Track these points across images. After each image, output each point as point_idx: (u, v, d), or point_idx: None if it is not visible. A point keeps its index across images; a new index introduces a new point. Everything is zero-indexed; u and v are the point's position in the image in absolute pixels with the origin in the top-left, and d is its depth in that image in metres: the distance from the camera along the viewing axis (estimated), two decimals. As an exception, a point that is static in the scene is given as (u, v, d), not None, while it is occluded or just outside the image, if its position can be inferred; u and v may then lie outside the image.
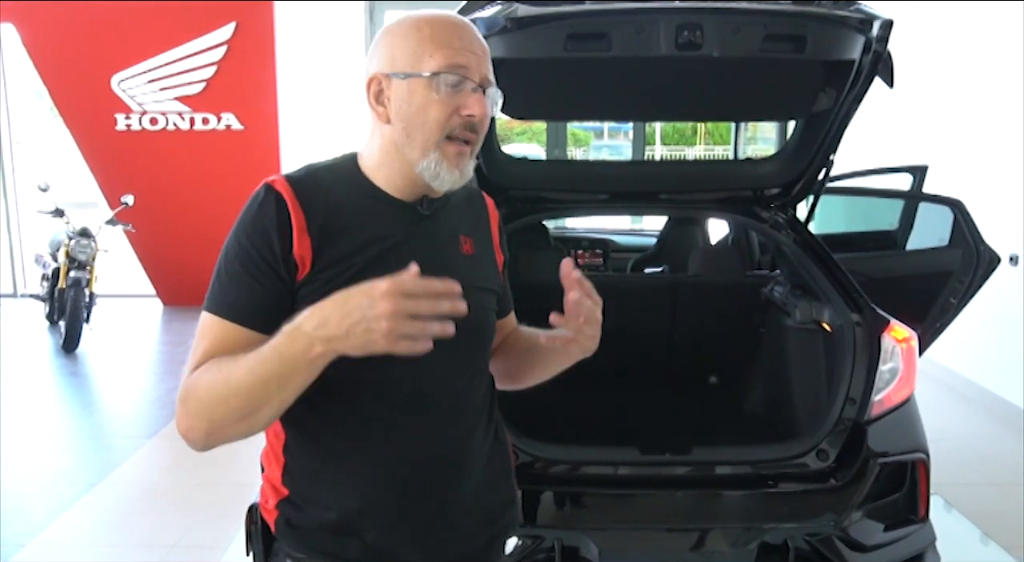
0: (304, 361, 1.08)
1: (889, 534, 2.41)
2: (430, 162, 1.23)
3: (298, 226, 1.20)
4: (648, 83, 2.62)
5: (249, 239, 1.20)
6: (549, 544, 2.29)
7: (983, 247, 3.24)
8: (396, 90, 1.23)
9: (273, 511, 1.32)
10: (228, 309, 1.19)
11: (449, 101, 1.21)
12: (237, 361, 1.13)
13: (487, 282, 1.40)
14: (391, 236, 1.25)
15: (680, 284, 3.30)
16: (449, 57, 1.20)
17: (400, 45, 1.23)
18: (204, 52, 6.86)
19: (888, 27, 2.25)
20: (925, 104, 5.64)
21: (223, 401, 1.12)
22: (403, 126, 1.23)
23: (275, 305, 1.19)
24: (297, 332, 1.07)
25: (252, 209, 1.22)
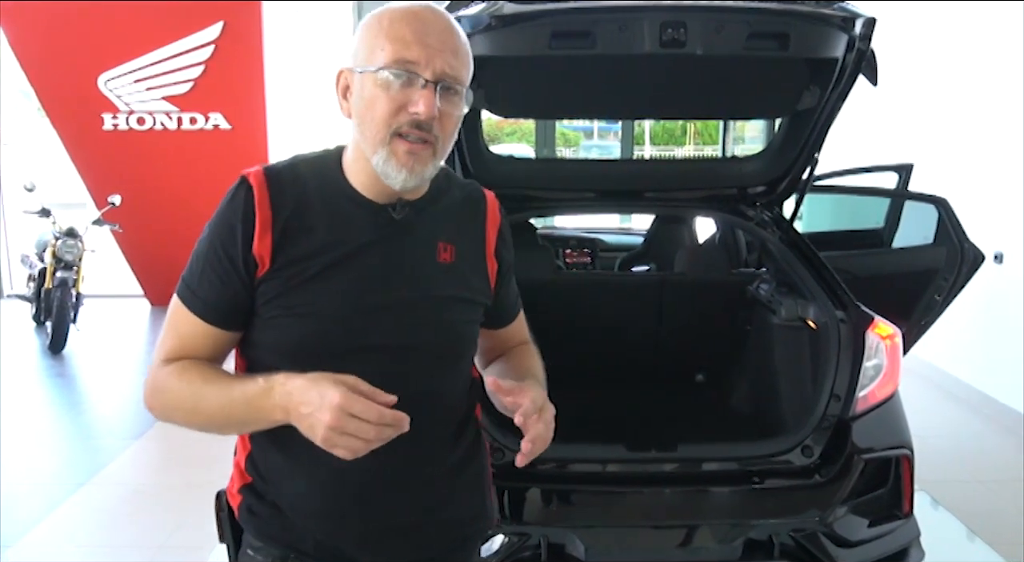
0: (265, 419, 1.14)
1: (874, 530, 2.42)
2: (379, 159, 1.19)
3: (261, 223, 1.19)
4: (633, 81, 2.62)
5: (217, 235, 1.21)
6: (535, 541, 2.30)
7: (967, 245, 3.26)
8: (355, 85, 1.21)
9: (237, 496, 1.33)
10: (195, 302, 1.22)
11: (396, 97, 1.16)
12: (208, 385, 1.19)
13: (467, 292, 1.33)
14: (357, 240, 1.22)
15: (666, 282, 3.31)
16: (398, 51, 1.16)
17: (362, 39, 1.21)
18: (191, 51, 6.84)
19: (871, 25, 2.27)
20: (911, 103, 5.68)
21: (188, 416, 1.22)
22: (358, 121, 1.21)
23: (236, 304, 1.22)
24: (268, 395, 1.12)
25: (224, 202, 1.23)
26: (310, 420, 1.07)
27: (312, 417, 1.06)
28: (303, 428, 1.09)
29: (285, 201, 1.21)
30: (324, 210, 1.23)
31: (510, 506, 2.33)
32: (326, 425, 1.04)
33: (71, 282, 5.99)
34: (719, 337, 3.29)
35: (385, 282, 1.24)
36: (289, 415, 1.10)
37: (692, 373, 3.36)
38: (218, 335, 1.23)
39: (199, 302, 1.22)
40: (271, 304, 1.21)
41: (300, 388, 1.08)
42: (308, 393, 1.07)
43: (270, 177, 1.22)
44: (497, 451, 2.38)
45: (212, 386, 1.18)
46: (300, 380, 1.09)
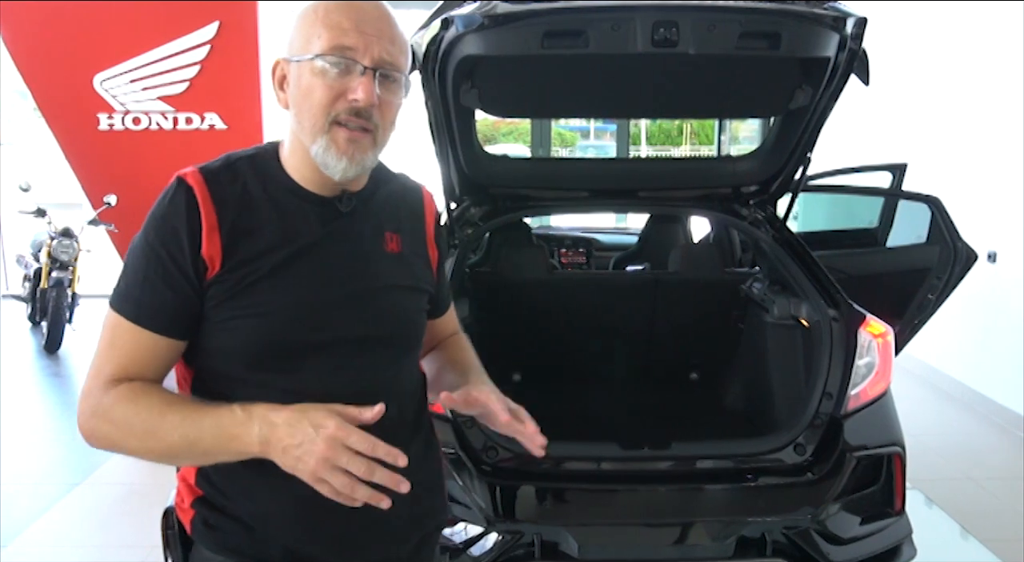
0: (237, 451, 1.09)
1: (866, 527, 2.44)
2: (319, 148, 1.17)
3: (208, 224, 1.15)
4: (626, 80, 2.63)
5: (159, 239, 1.15)
6: (529, 539, 2.31)
7: (960, 244, 3.27)
8: (291, 74, 1.20)
9: (189, 511, 1.26)
10: (140, 313, 1.15)
11: (334, 84, 1.15)
12: (170, 412, 1.11)
13: (415, 281, 1.34)
14: (307, 235, 1.20)
15: (660, 281, 3.32)
16: (335, 38, 1.14)
17: (297, 28, 1.19)
18: (187, 52, 6.82)
19: (862, 25, 2.27)
20: (905, 102, 5.69)
21: (141, 444, 1.13)
22: (296, 111, 1.19)
23: (185, 310, 1.16)
24: (246, 425, 1.07)
25: (162, 205, 1.17)
26: (298, 452, 1.03)
27: (299, 448, 1.03)
28: (286, 461, 1.05)
29: (228, 200, 1.17)
30: (270, 207, 1.20)
31: (504, 504, 2.34)
32: (320, 457, 1.01)
33: (67, 282, 5.99)
34: (713, 335, 3.30)
35: (339, 275, 1.22)
36: (269, 448, 1.06)
37: (686, 371, 3.38)
38: (166, 346, 1.17)
39: (145, 312, 1.15)
40: (223, 306, 1.16)
41: (288, 420, 1.05)
42: (298, 425, 1.04)
43: (208, 176, 1.18)
44: (491, 449, 2.39)
45: (175, 413, 1.11)
46: (287, 412, 1.06)
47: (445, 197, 2.96)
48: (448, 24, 2.24)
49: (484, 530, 2.31)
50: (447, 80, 2.45)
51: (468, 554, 2.30)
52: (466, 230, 2.93)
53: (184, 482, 1.27)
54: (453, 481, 2.34)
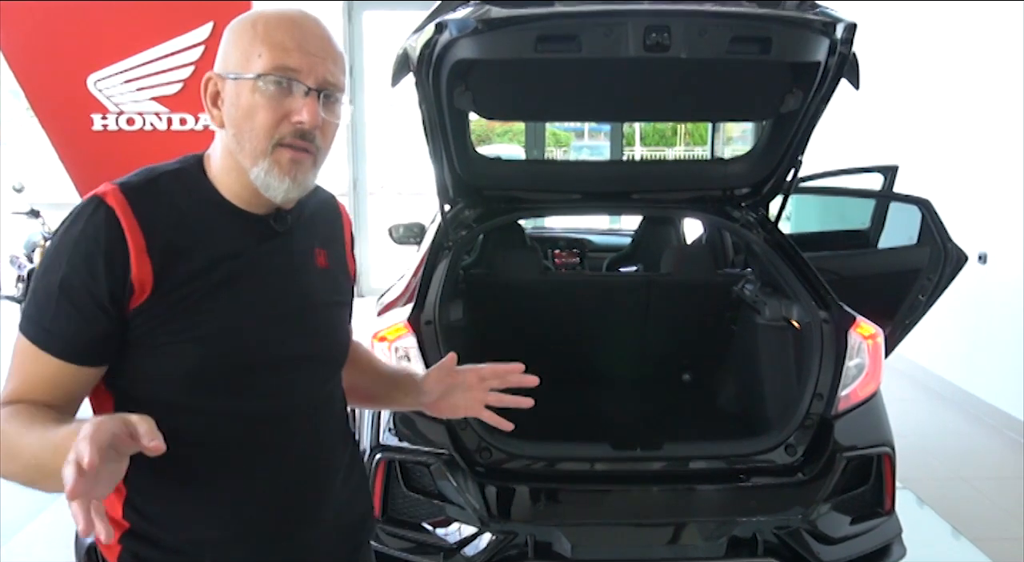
0: None
1: (856, 526, 2.46)
2: (260, 170, 1.13)
3: (135, 247, 1.08)
4: (619, 84, 2.65)
5: (71, 265, 1.08)
6: (522, 539, 2.32)
7: (951, 245, 3.29)
8: (227, 92, 1.15)
9: (116, 546, 1.18)
10: (50, 341, 1.09)
11: (277, 106, 1.11)
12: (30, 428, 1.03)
13: (341, 295, 1.34)
14: (242, 253, 1.16)
15: (653, 283, 3.34)
16: (278, 58, 1.11)
17: (234, 43, 1.15)
18: (181, 52, 6.82)
19: (852, 30, 2.30)
20: (897, 105, 5.72)
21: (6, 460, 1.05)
22: (234, 132, 1.14)
23: (100, 339, 1.09)
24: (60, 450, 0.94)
25: (77, 228, 1.10)
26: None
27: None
28: None
29: (156, 220, 1.11)
30: (201, 225, 1.15)
31: (497, 505, 2.36)
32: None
33: (60, 283, 5.98)
34: (705, 337, 3.32)
35: (275, 295, 1.20)
36: None
37: (678, 372, 3.40)
38: (78, 374, 1.10)
39: (55, 340, 1.08)
40: (157, 332, 1.10)
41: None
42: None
43: (131, 195, 1.11)
44: (484, 450, 2.41)
45: (32, 432, 1.02)
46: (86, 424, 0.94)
47: (439, 199, 2.98)
48: (442, 28, 2.25)
49: (478, 530, 2.33)
50: (441, 83, 2.46)
51: (462, 554, 2.32)
52: (460, 232, 2.94)
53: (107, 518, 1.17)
54: (447, 482, 2.36)
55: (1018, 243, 4.37)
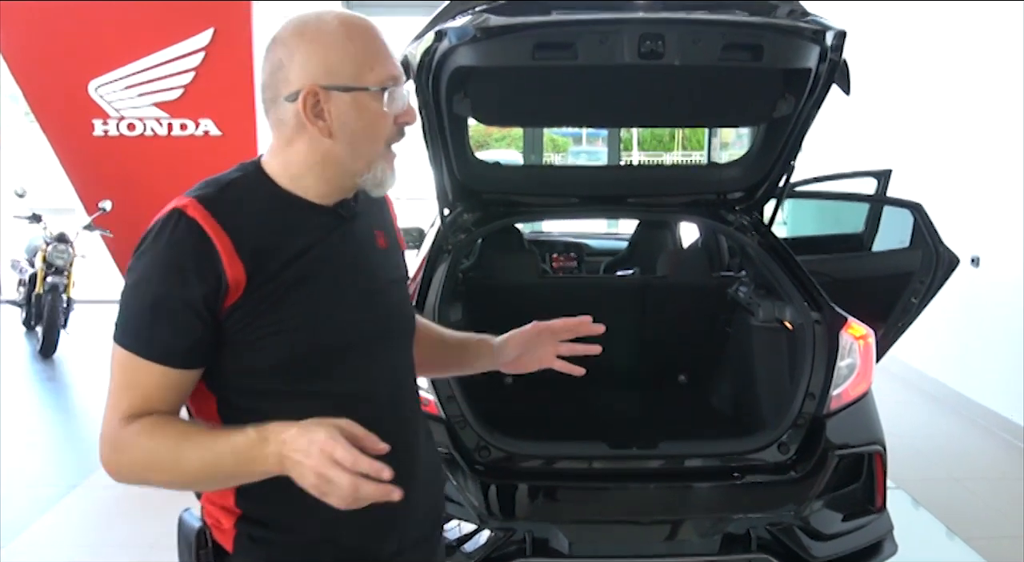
0: (257, 472, 1.11)
1: (847, 523, 2.51)
2: (377, 170, 1.22)
3: (225, 251, 1.14)
4: (615, 90, 2.70)
5: (162, 276, 1.14)
6: (520, 536, 2.37)
7: (942, 248, 3.34)
8: (338, 104, 1.18)
9: (230, 531, 1.27)
10: (154, 350, 1.15)
11: (391, 112, 1.21)
12: (185, 441, 1.13)
13: (401, 272, 1.43)
14: (317, 243, 1.23)
15: (649, 285, 3.39)
16: (388, 69, 1.19)
17: (337, 56, 1.17)
18: (182, 58, 6.86)
19: (841, 37, 2.35)
20: (892, 110, 5.78)
21: (164, 475, 1.16)
22: (348, 140, 1.20)
23: (201, 342, 1.16)
24: (262, 445, 1.08)
25: (163, 240, 1.15)
26: (299, 467, 1.05)
27: (301, 465, 1.05)
28: (295, 476, 1.07)
29: (238, 223, 1.17)
30: (278, 222, 1.21)
31: (496, 502, 2.40)
32: (312, 468, 1.04)
33: (61, 287, 6.03)
34: (700, 338, 3.37)
35: (351, 278, 1.27)
36: (283, 464, 1.07)
37: (675, 373, 3.44)
38: (184, 378, 1.17)
39: (159, 349, 1.15)
40: (252, 326, 1.17)
41: (294, 436, 1.06)
42: (299, 440, 1.06)
43: (209, 205, 1.17)
44: (483, 449, 2.46)
45: (192, 442, 1.13)
46: (295, 428, 1.07)
47: (438, 203, 3.03)
48: (442, 36, 2.30)
49: (477, 527, 2.38)
50: (440, 90, 2.52)
51: (461, 551, 2.36)
52: (459, 235, 2.99)
53: (216, 505, 1.28)
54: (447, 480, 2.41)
55: (1010, 246, 4.43)
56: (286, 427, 1.08)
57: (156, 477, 1.17)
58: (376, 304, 1.30)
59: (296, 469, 1.06)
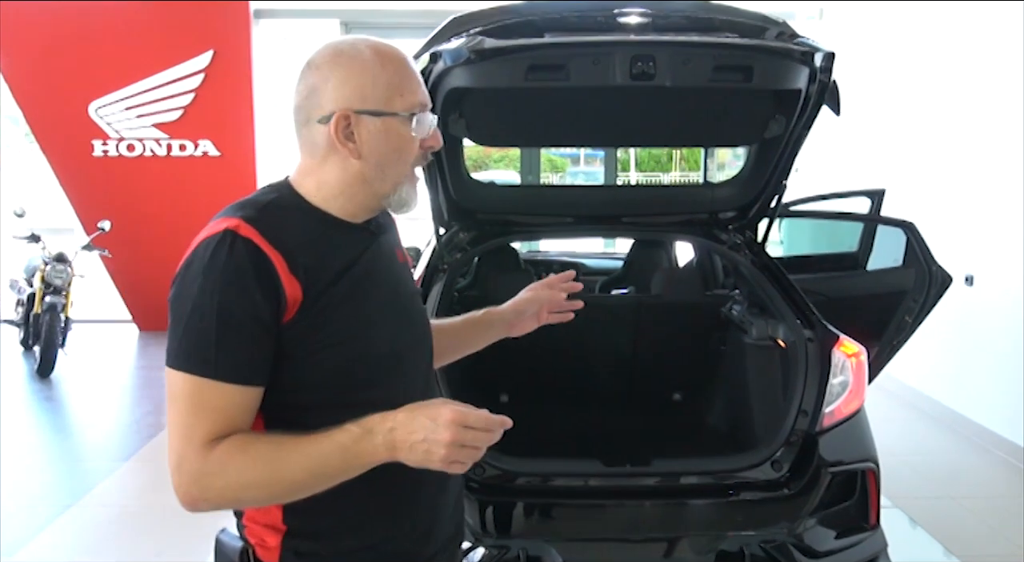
0: (367, 462, 1.16)
1: (841, 541, 2.51)
2: (403, 191, 1.29)
3: (281, 269, 1.17)
4: (608, 111, 2.74)
5: (225, 294, 1.15)
6: (515, 554, 2.37)
7: (935, 267, 3.36)
8: (368, 128, 1.23)
9: (276, 549, 1.29)
10: (226, 370, 1.15)
11: (419, 137, 1.27)
12: (283, 449, 1.15)
13: (416, 286, 1.54)
14: (358, 259, 1.29)
15: (643, 304, 3.41)
16: (416, 95, 1.26)
17: (368, 82, 1.22)
18: (182, 80, 6.93)
19: (830, 58, 2.39)
20: (886, 130, 5.83)
21: (265, 489, 1.17)
22: (377, 162, 1.25)
23: (265, 358, 1.19)
24: (368, 438, 1.14)
25: (219, 260, 1.16)
26: (425, 445, 1.11)
27: (427, 442, 1.11)
28: (415, 457, 1.13)
29: (287, 242, 1.20)
30: (321, 241, 1.25)
31: (491, 519, 2.41)
32: (447, 443, 1.10)
33: (60, 307, 6.04)
34: (695, 356, 3.38)
35: (386, 292, 1.34)
36: (396, 451, 1.13)
37: (669, 392, 3.45)
38: (256, 395, 1.19)
39: (231, 368, 1.16)
40: (305, 342, 1.20)
41: (404, 421, 1.13)
42: (415, 422, 1.13)
43: (258, 225, 1.19)
44: (478, 467, 2.46)
45: (291, 451, 1.15)
46: (401, 414, 1.14)
47: (434, 222, 3.05)
48: (437, 58, 2.34)
49: (472, 545, 2.38)
50: (436, 110, 2.54)
51: (456, 568, 2.37)
52: (455, 254, 3.01)
53: (260, 524, 1.30)
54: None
55: (1005, 265, 4.45)
56: (385, 417, 1.14)
57: (253, 494, 1.18)
58: (407, 315, 1.38)
59: (415, 450, 1.12)
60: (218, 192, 6.75)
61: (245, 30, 6.91)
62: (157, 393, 5.68)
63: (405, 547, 1.35)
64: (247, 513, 1.33)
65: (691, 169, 18.27)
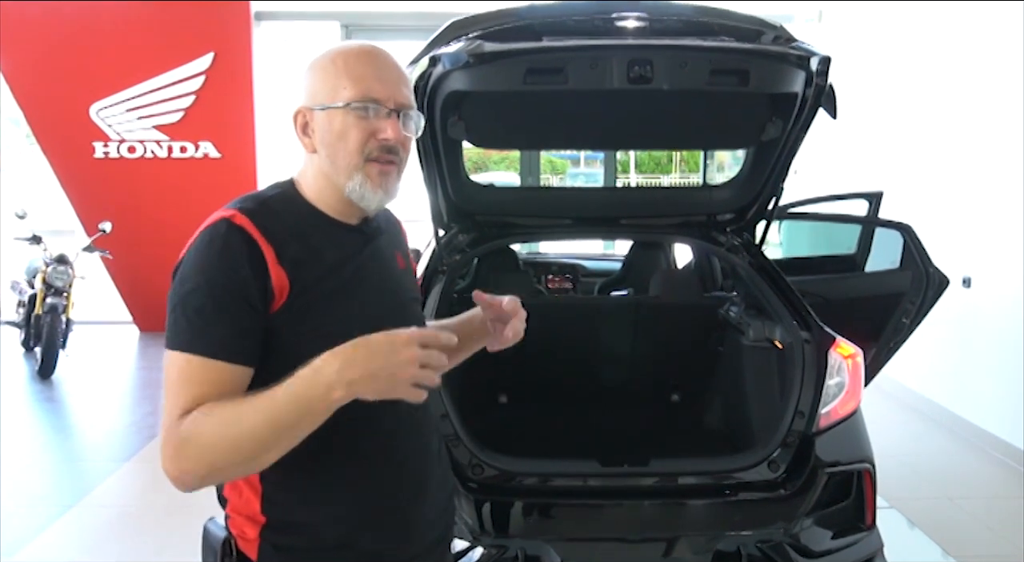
0: (322, 405, 1.13)
1: (837, 541, 2.52)
2: (355, 184, 1.31)
3: (270, 258, 1.23)
4: (606, 114, 2.76)
5: (218, 276, 1.20)
6: (513, 553, 2.39)
7: (932, 269, 3.38)
8: (318, 121, 1.31)
9: (255, 540, 1.32)
10: (214, 347, 1.19)
11: (365, 126, 1.29)
12: (243, 404, 1.15)
13: (417, 292, 1.55)
14: (352, 258, 1.33)
15: (641, 306, 3.43)
16: (363, 89, 1.29)
17: (319, 79, 1.31)
18: (182, 82, 6.95)
19: (826, 63, 2.40)
20: (884, 132, 5.84)
21: (231, 446, 1.14)
22: (327, 153, 1.31)
23: (253, 338, 1.22)
24: (317, 376, 1.12)
25: (215, 246, 1.22)
26: (387, 370, 1.10)
27: (388, 367, 1.10)
28: (378, 386, 1.11)
29: (278, 235, 1.26)
30: (313, 237, 1.31)
31: (489, 519, 2.43)
32: (411, 361, 1.10)
33: (61, 308, 6.06)
34: (693, 358, 3.40)
35: (379, 293, 1.37)
36: (353, 385, 1.11)
37: (667, 393, 3.47)
38: (241, 376, 1.21)
39: (218, 345, 1.19)
40: (290, 334, 1.24)
41: (356, 352, 1.11)
42: (369, 349, 1.11)
43: (252, 216, 1.26)
44: (476, 467, 2.48)
45: (250, 405, 1.15)
46: (348, 349, 1.12)
47: (433, 224, 3.07)
48: (436, 61, 2.36)
49: (470, 545, 2.39)
50: (435, 113, 2.57)
51: (454, 568, 2.38)
52: (454, 256, 3.03)
53: (242, 514, 1.33)
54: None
55: (1002, 267, 4.47)
56: (333, 353, 1.12)
57: (223, 457, 1.15)
58: (399, 318, 1.35)
59: (377, 377, 1.11)
60: (218, 194, 6.68)
61: (246, 32, 6.93)
62: (157, 394, 5.70)
63: (380, 547, 1.35)
64: (231, 503, 1.35)
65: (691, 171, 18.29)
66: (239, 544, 1.34)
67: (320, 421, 1.15)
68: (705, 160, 8.22)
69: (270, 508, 1.31)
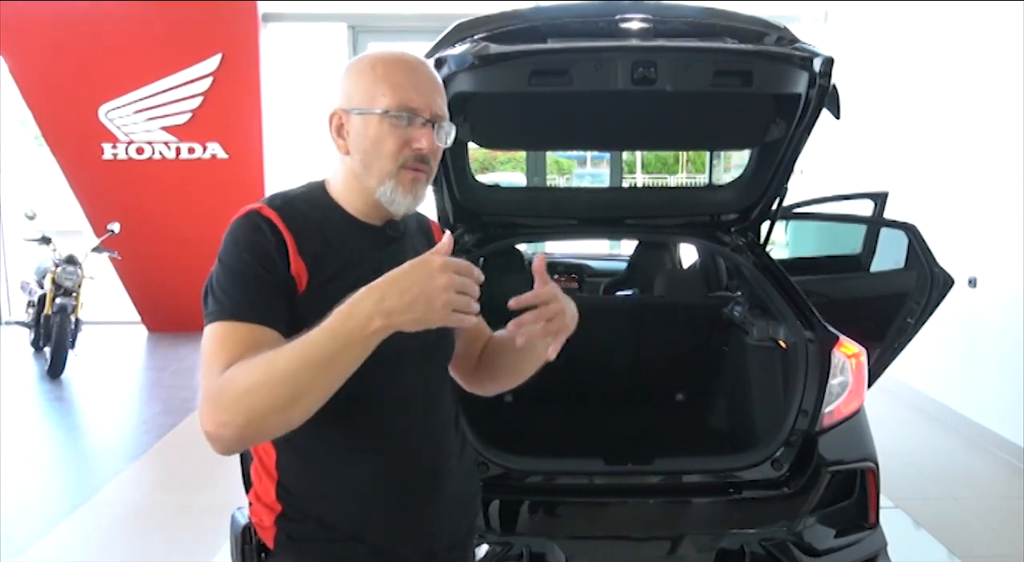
0: (360, 337, 1.11)
1: (841, 539, 2.53)
2: (386, 189, 1.34)
3: (292, 248, 1.29)
4: (610, 115, 2.77)
5: (248, 255, 1.26)
6: (518, 551, 2.41)
7: (937, 269, 3.37)
8: (353, 125, 1.34)
9: (271, 528, 1.37)
10: (244, 311, 1.23)
11: (400, 135, 1.32)
12: (278, 351, 1.14)
13: None
14: (371, 258, 1.34)
15: (647, 305, 3.44)
16: (401, 98, 1.31)
17: (356, 84, 1.34)
18: (190, 83, 7.00)
19: (830, 63, 2.41)
20: (889, 132, 5.85)
21: (267, 389, 1.12)
22: (360, 157, 1.34)
23: (286, 308, 1.25)
24: (354, 309, 1.11)
25: (244, 232, 1.29)
26: (424, 297, 1.10)
27: (425, 294, 1.10)
28: (415, 314, 1.10)
29: (300, 229, 1.31)
30: (333, 235, 1.35)
31: (495, 517, 2.45)
32: (446, 287, 1.10)
33: (70, 308, 6.10)
34: (697, 357, 3.41)
35: None
36: (391, 315, 1.10)
37: (672, 392, 3.48)
38: (275, 338, 1.21)
39: (248, 308, 1.23)
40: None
41: (391, 282, 1.11)
42: (405, 279, 1.11)
43: (277, 210, 1.32)
44: (482, 465, 2.50)
45: (283, 350, 1.14)
46: (382, 280, 1.12)
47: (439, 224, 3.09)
48: (442, 63, 2.38)
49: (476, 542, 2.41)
50: None
51: (460, 565, 2.40)
52: (460, 256, 3.04)
53: (260, 501, 1.39)
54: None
55: (1008, 267, 4.47)
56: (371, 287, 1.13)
57: (260, 401, 1.12)
58: None
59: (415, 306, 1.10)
60: (226, 194, 6.82)
61: (253, 34, 6.97)
62: (166, 393, 5.74)
63: (391, 541, 1.37)
64: (253, 491, 1.41)
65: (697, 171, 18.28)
66: (258, 532, 1.40)
67: (357, 358, 1.14)
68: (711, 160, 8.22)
69: (285, 496, 1.35)
